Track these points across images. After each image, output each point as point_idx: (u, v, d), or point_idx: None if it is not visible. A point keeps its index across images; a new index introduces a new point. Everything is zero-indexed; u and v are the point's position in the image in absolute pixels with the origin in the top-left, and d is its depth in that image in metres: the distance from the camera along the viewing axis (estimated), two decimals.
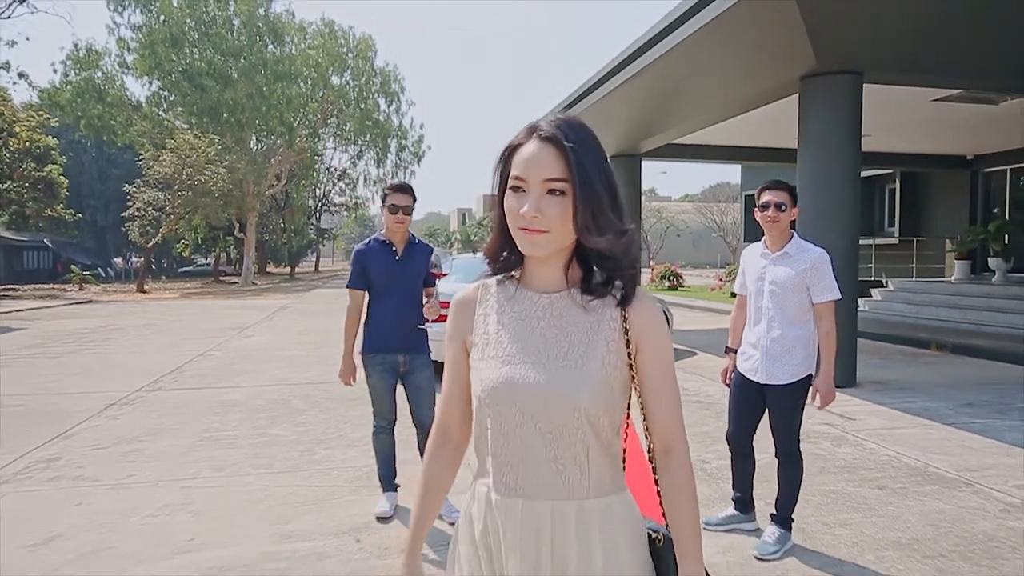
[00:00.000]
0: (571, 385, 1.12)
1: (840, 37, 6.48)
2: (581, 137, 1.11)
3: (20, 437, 5.22)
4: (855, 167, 7.22)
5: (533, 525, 1.14)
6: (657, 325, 1.17)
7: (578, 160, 1.09)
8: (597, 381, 1.13)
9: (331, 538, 3.37)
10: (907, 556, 3.14)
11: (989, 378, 7.45)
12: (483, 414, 1.19)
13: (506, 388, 1.15)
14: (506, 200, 1.13)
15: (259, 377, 7.74)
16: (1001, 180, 14.57)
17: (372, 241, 3.79)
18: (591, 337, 1.15)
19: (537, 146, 1.10)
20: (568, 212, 1.08)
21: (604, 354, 1.14)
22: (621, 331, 1.15)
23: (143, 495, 3.97)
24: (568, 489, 1.14)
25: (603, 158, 1.13)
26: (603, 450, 1.16)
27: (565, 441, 1.13)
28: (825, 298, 3.09)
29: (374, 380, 3.70)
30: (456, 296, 1.28)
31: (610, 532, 1.15)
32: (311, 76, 37.16)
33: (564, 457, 1.14)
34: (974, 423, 5.52)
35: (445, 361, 1.29)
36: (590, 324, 1.16)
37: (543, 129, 1.11)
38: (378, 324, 3.69)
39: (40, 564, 3.09)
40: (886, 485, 4.10)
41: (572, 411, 1.12)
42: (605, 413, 1.14)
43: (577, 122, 1.14)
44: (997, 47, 6.99)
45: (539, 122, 1.13)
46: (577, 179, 1.08)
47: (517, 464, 1.15)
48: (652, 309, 1.18)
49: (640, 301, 1.17)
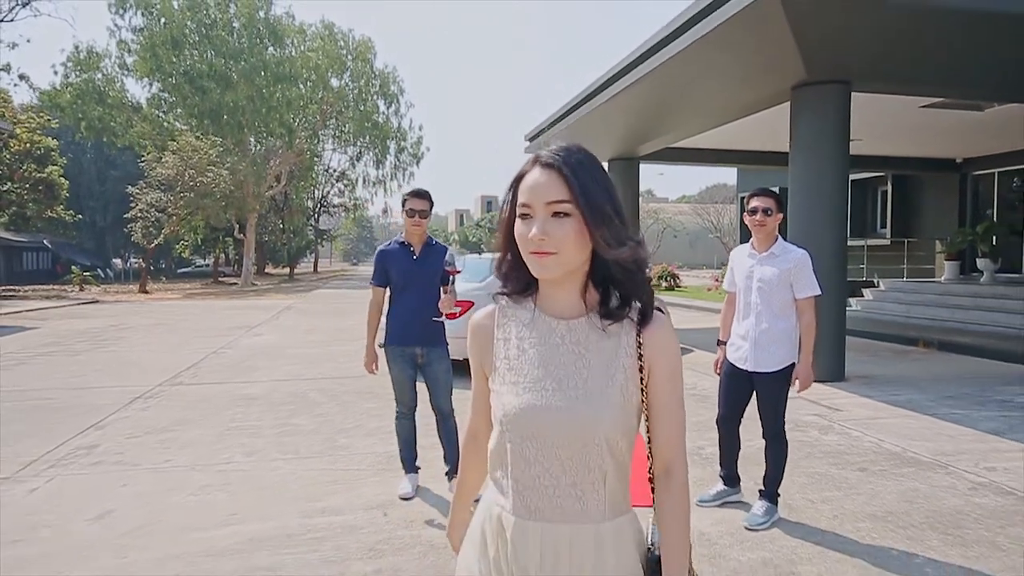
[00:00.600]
0: (592, 413, 1.16)
1: (827, 50, 6.84)
2: (580, 160, 1.17)
3: (57, 428, 5.54)
4: (844, 171, 7.57)
5: (551, 548, 1.18)
6: (669, 349, 1.21)
7: (579, 181, 1.15)
8: (616, 408, 1.17)
9: (360, 512, 3.71)
10: (881, 527, 3.49)
11: (971, 373, 7.81)
12: (504, 437, 1.22)
13: (527, 415, 1.18)
14: (516, 228, 1.18)
15: (274, 373, 8.07)
16: (989, 183, 14.96)
17: (393, 243, 4.14)
18: (610, 364, 1.19)
19: (539, 173, 1.17)
20: (573, 233, 1.14)
21: (622, 381, 1.19)
22: (636, 355, 1.20)
23: (182, 477, 4.30)
24: (586, 514, 1.18)
25: (605, 177, 1.20)
26: (620, 475, 1.21)
27: (585, 467, 1.17)
28: (807, 294, 3.45)
29: (395, 371, 4.05)
30: (472, 320, 1.33)
31: (624, 552, 1.20)
32: (311, 78, 37.45)
33: (583, 483, 1.18)
34: (953, 413, 5.88)
35: (472, 369, 1.36)
36: (609, 350, 1.20)
37: (543, 157, 1.18)
38: (398, 319, 4.03)
39: (103, 535, 3.42)
40: (867, 468, 4.45)
41: (593, 438, 1.16)
42: (623, 437, 1.19)
43: (576, 147, 1.20)
44: (972, 61, 7.37)
45: (540, 151, 1.21)
46: (580, 198, 1.14)
47: (537, 488, 1.19)
48: (666, 333, 1.22)
49: (656, 325, 1.21)
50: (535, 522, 1.18)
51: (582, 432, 1.16)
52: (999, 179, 14.70)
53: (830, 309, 7.34)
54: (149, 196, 27.79)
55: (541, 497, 1.18)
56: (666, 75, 8.50)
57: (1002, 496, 3.91)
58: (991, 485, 4.10)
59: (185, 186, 26.51)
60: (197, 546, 3.29)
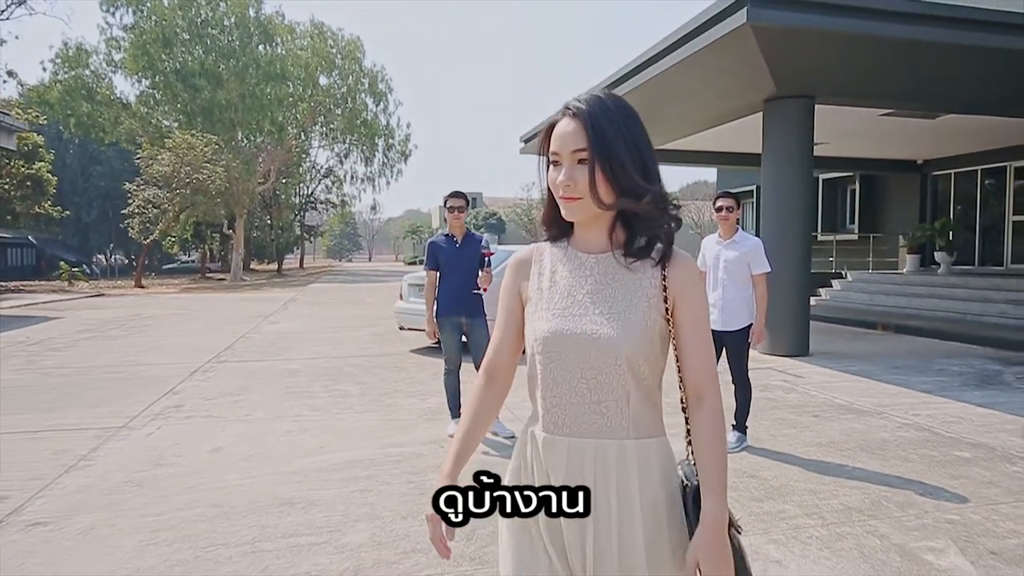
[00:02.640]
0: (613, 335, 1.23)
1: (793, 70, 7.93)
2: (602, 108, 1.23)
3: (137, 394, 6.45)
4: (808, 172, 8.69)
5: (577, 458, 1.26)
6: (692, 283, 1.28)
7: (598, 130, 1.20)
8: (637, 332, 1.24)
9: (421, 446, 4.72)
10: (825, 450, 4.57)
11: (919, 350, 8.97)
12: (535, 361, 1.31)
13: (556, 337, 1.27)
14: (549, 174, 1.27)
15: (306, 352, 9.02)
16: (947, 182, 16.23)
17: (439, 235, 5.17)
18: (633, 293, 1.26)
19: (566, 122, 1.24)
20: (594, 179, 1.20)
21: (645, 309, 1.25)
22: (660, 288, 1.26)
23: (267, 426, 5.28)
24: (610, 429, 1.25)
25: (629, 126, 1.24)
26: (643, 397, 1.27)
27: (607, 385, 1.24)
28: (761, 271, 4.57)
29: (445, 336, 5.06)
30: (514, 255, 1.43)
31: (647, 468, 1.26)
32: (300, 77, 38.06)
33: (606, 400, 1.25)
34: (896, 378, 7.00)
35: (499, 312, 1.43)
36: (633, 282, 1.27)
37: (570, 106, 1.25)
38: (446, 295, 5.05)
39: (224, 461, 4.40)
40: (819, 415, 5.53)
41: (614, 358, 1.23)
42: (646, 362, 1.25)
43: (604, 95, 1.26)
44: (914, 80, 8.53)
45: (570, 100, 1.26)
46: (594, 147, 1.20)
47: (564, 405, 1.27)
48: (689, 268, 1.28)
49: (678, 261, 1.28)
50: (562, 436, 1.27)
51: (603, 353, 1.23)
52: (955, 179, 15.97)
53: (796, 292, 8.49)
54: (146, 192, 28.36)
55: (568, 414, 1.27)
56: (654, 88, 9.54)
57: (920, 431, 5.02)
58: (914, 424, 5.20)
59: (181, 183, 27.13)
60: (304, 466, 4.28)
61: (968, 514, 3.46)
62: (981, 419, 5.36)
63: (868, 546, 3.09)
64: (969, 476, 4.04)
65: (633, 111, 1.27)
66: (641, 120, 1.27)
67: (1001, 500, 3.65)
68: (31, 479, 4.04)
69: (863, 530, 3.26)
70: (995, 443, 4.71)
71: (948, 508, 3.54)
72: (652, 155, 1.27)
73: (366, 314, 13.98)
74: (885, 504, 3.59)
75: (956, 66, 8.21)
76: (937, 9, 7.35)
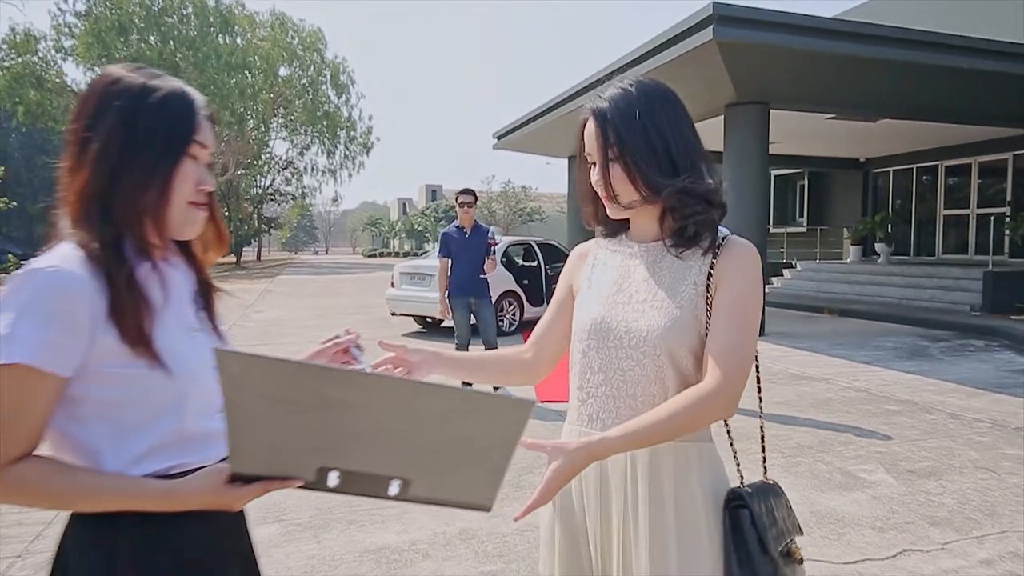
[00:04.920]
0: (654, 324, 1.16)
1: (752, 79, 8.86)
2: (623, 102, 1.19)
3: None
4: (764, 170, 9.66)
5: (608, 459, 1.14)
6: (739, 268, 1.17)
7: (613, 131, 1.18)
8: (680, 322, 1.15)
9: None
10: (779, 406, 5.47)
11: (860, 330, 10.06)
12: (576, 349, 1.27)
13: (597, 325, 1.23)
14: (591, 176, 1.24)
15: (303, 336, 9.60)
16: (886, 179, 17.59)
17: (451, 227, 5.89)
18: (679, 281, 1.19)
19: (589, 124, 1.22)
20: (624, 177, 1.18)
21: (691, 297, 1.17)
22: (706, 276, 1.18)
23: None
24: None
25: (652, 116, 1.18)
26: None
27: (645, 379, 1.17)
28: None
29: (456, 314, 5.80)
30: (576, 248, 1.41)
31: (684, 475, 1.16)
32: (262, 68, 37.85)
33: (643, 395, 1.18)
34: (840, 353, 8.01)
35: (551, 300, 1.42)
36: (680, 270, 1.20)
37: (588, 106, 1.24)
38: (457, 278, 5.78)
39: None
40: (775, 382, 6.45)
41: (654, 348, 1.16)
42: (690, 354, 1.17)
43: (628, 83, 1.22)
44: (858, 88, 9.57)
45: (592, 97, 1.24)
46: (607, 150, 1.18)
47: (599, 397, 1.21)
48: (739, 255, 1.19)
49: (728, 251, 1.19)
50: (594, 430, 1.19)
51: (643, 341, 1.17)
52: (894, 176, 17.33)
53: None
54: None
55: (601, 406, 1.21)
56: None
57: (859, 392, 5.97)
58: (854, 387, 6.16)
59: None
60: None
61: (893, 447, 4.37)
62: (909, 383, 6.35)
63: (817, 470, 3.96)
64: (896, 423, 4.97)
65: (662, 95, 1.22)
66: (673, 102, 1.22)
67: (919, 438, 4.58)
68: None
69: (813, 459, 4.13)
70: (918, 399, 5.68)
71: (878, 444, 4.45)
72: (682, 142, 1.19)
73: (348, 303, 14.54)
74: (830, 442, 4.48)
75: (892, 78, 9.25)
76: (875, 30, 8.37)
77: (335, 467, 0.85)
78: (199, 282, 1.10)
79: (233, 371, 0.78)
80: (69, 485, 0.89)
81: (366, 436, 0.83)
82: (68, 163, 0.98)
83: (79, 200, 0.96)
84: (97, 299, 0.90)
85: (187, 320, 1.03)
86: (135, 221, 0.97)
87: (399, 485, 0.87)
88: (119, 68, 1.01)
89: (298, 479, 0.86)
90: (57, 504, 0.91)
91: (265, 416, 0.81)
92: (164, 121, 0.97)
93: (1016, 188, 14.24)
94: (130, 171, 0.95)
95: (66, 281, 0.89)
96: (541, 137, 14.58)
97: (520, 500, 3.52)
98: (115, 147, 0.95)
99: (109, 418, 0.93)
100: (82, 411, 0.93)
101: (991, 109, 10.75)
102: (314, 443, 0.83)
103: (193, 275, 1.09)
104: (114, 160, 0.95)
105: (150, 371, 0.93)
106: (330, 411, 0.81)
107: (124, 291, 0.91)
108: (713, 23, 7.52)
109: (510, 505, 3.48)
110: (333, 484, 0.86)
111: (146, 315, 0.93)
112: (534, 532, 3.16)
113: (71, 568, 0.94)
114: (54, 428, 0.93)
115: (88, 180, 0.95)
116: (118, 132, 0.95)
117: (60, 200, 0.99)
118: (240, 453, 0.84)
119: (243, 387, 0.79)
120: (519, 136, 15.08)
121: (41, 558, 2.88)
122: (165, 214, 0.99)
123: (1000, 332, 9.16)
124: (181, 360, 0.95)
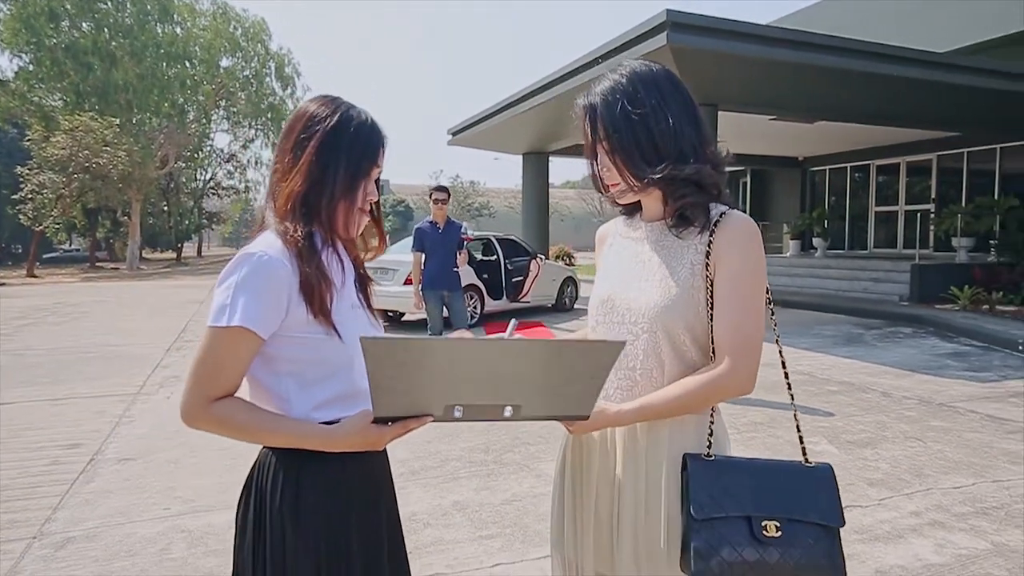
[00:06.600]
0: (652, 302, 1.22)
1: (701, 82, 9.33)
2: (609, 93, 1.24)
3: (129, 368, 6.96)
4: None
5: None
6: (736, 244, 1.20)
7: (597, 124, 1.25)
8: (677, 299, 1.21)
9: None
10: None
11: (800, 320, 10.71)
12: (589, 324, 1.37)
13: (603, 302, 1.31)
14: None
15: None
16: (823, 177, 18.56)
17: (424, 222, 6.10)
18: (678, 259, 1.24)
19: (584, 117, 1.29)
20: (620, 165, 1.24)
21: (688, 275, 1.22)
22: (704, 253, 1.21)
23: None
24: (637, 397, 1.23)
25: (638, 105, 1.21)
26: (683, 370, 1.23)
27: (643, 352, 1.24)
28: None
29: (429, 306, 6.03)
30: (598, 231, 1.49)
31: (679, 444, 1.24)
32: (203, 58, 36.85)
33: (641, 368, 1.24)
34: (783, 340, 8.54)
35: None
36: (679, 248, 1.25)
37: (579, 101, 1.30)
38: (429, 272, 6.01)
39: None
40: None
41: (651, 324, 1.22)
42: (687, 331, 1.21)
43: (618, 73, 1.27)
44: (797, 91, 10.20)
45: (586, 89, 1.30)
46: (602, 141, 1.25)
47: None
48: (735, 230, 1.21)
49: (725, 226, 1.21)
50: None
51: (642, 317, 1.23)
52: (830, 174, 18.30)
53: None
54: (40, 177, 26.86)
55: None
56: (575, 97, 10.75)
57: (802, 375, 6.49)
58: (797, 371, 6.67)
59: (79, 167, 25.91)
60: None
61: (834, 422, 4.84)
62: (847, 366, 6.91)
63: (769, 443, 4.38)
64: (836, 401, 5.47)
65: (652, 81, 1.24)
66: (666, 87, 1.24)
67: (856, 414, 5.08)
68: (90, 431, 4.69)
69: (766, 435, 4.56)
70: (855, 381, 6.22)
71: (821, 420, 4.92)
72: (669, 128, 1.21)
73: None
74: (779, 419, 4.93)
75: (828, 83, 9.89)
76: (813, 38, 8.95)
77: (458, 403, 1.09)
78: (357, 269, 1.34)
79: (375, 352, 1.00)
80: (254, 421, 1.14)
81: (481, 380, 1.07)
82: (278, 174, 1.22)
83: (287, 201, 1.20)
84: (292, 279, 1.15)
85: (351, 299, 1.28)
86: (326, 220, 1.22)
87: (511, 410, 1.10)
88: (321, 100, 1.25)
89: (429, 416, 1.11)
90: (243, 435, 1.15)
91: (399, 376, 1.04)
92: (358, 147, 1.22)
93: (940, 186, 15.30)
94: (330, 183, 1.20)
95: (271, 264, 1.13)
96: (496, 134, 14.85)
97: (503, 476, 3.82)
98: (319, 163, 1.20)
99: (296, 373, 1.18)
100: (277, 367, 1.18)
101: (917, 113, 11.59)
102: (439, 389, 1.08)
103: (352, 264, 1.33)
104: (317, 174, 1.20)
105: (327, 337, 1.17)
106: (450, 367, 1.05)
107: (314, 273, 1.16)
108: (667, 29, 7.93)
109: (495, 479, 3.77)
110: (458, 415, 1.10)
111: (328, 293, 1.18)
112: (521, 502, 3.46)
113: (266, 492, 1.18)
114: (256, 380, 1.18)
115: (295, 186, 1.19)
116: (323, 152, 1.20)
117: (268, 199, 1.24)
118: (381, 402, 1.07)
119: (383, 359, 1.02)
120: (473, 133, 15.31)
121: (55, 539, 3.01)
122: (348, 216, 1.24)
123: (926, 320, 9.93)
124: (349, 329, 1.20)
